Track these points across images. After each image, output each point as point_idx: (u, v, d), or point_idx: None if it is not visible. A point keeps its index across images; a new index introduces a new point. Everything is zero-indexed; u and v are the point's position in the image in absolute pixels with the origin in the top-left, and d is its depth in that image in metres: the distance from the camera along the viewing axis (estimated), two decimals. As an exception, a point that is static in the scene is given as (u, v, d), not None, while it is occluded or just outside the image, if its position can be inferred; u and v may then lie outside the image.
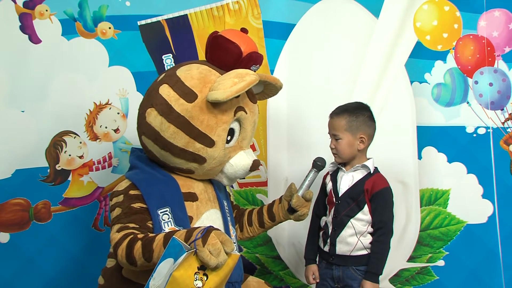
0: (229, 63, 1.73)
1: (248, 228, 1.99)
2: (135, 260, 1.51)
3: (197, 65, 1.77)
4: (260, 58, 1.80)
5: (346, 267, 1.94)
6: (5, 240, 2.28)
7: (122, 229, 1.59)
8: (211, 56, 1.79)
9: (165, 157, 1.74)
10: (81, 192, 2.34)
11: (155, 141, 1.72)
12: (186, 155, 1.70)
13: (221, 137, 1.70)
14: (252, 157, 1.79)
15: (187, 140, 1.68)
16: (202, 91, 1.67)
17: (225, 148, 1.73)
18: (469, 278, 2.38)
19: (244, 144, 1.80)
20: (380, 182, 1.95)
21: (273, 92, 1.93)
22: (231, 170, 1.77)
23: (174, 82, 1.71)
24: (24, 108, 2.29)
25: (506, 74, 2.37)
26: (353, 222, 1.93)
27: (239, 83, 1.62)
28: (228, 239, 1.42)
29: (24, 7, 2.29)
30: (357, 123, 1.94)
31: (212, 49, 1.78)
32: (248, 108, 1.77)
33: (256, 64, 1.78)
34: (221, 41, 1.74)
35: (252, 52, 1.75)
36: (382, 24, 2.40)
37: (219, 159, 1.73)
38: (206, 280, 1.38)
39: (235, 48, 1.72)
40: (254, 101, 1.82)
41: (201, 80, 1.70)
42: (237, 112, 1.72)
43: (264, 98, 1.97)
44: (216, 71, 1.74)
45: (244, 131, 1.78)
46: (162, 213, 1.65)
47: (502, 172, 2.37)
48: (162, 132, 1.69)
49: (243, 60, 1.73)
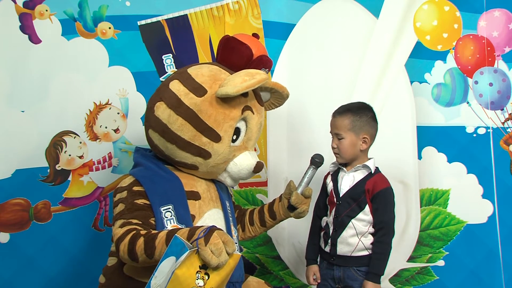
0: (239, 64, 1.77)
1: (250, 228, 2.00)
2: (137, 256, 1.51)
3: (207, 65, 1.82)
4: (269, 62, 1.85)
5: (347, 267, 1.94)
6: (5, 240, 2.28)
7: (124, 225, 1.60)
8: (222, 57, 1.83)
9: (170, 151, 1.75)
10: (81, 192, 2.34)
11: (162, 133, 1.73)
12: (192, 149, 1.72)
13: (227, 133, 1.72)
14: (256, 159, 1.82)
15: (194, 133, 1.70)
16: (212, 87, 1.71)
17: (231, 146, 1.75)
18: (469, 278, 2.38)
19: (249, 145, 1.82)
20: (381, 182, 1.95)
21: (280, 101, 1.99)
22: (235, 169, 1.78)
23: (184, 78, 1.75)
24: (24, 108, 2.29)
25: (506, 74, 2.38)
26: (354, 223, 1.93)
27: (249, 80, 1.66)
28: (230, 239, 1.42)
29: (24, 7, 2.29)
30: (360, 123, 1.94)
31: (224, 50, 1.82)
32: (255, 109, 1.80)
33: (265, 68, 1.82)
34: (233, 42, 1.79)
35: (263, 56, 1.81)
36: (382, 24, 2.40)
37: (223, 156, 1.75)
38: (208, 279, 1.38)
39: (246, 49, 1.77)
40: (261, 104, 1.85)
41: (211, 77, 1.74)
42: (244, 111, 1.75)
43: (271, 108, 2.02)
44: (226, 71, 1.78)
45: (250, 131, 1.80)
46: (165, 210, 1.66)
47: (502, 172, 2.37)
48: (170, 124, 1.71)
49: (253, 62, 1.78)
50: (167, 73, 2.35)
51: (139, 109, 2.34)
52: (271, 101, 1.98)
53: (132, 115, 2.36)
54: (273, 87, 1.91)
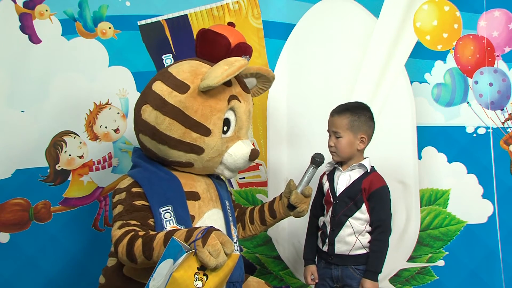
0: (219, 55, 1.75)
1: (250, 226, 2.00)
2: (135, 257, 1.51)
3: (187, 61, 1.80)
4: (249, 48, 1.83)
5: (345, 266, 1.94)
6: (5, 240, 2.28)
7: (123, 226, 1.60)
8: (201, 51, 1.82)
9: (163, 152, 1.74)
10: (81, 192, 2.34)
11: (152, 136, 1.73)
12: (184, 146, 1.71)
13: (216, 125, 1.72)
14: (251, 147, 1.81)
15: (183, 131, 1.69)
16: (194, 82, 1.70)
17: (223, 138, 1.75)
18: (469, 278, 2.38)
19: (242, 134, 1.81)
20: (377, 180, 1.95)
21: (267, 84, 1.96)
22: (231, 160, 1.77)
23: (166, 77, 1.74)
24: (24, 108, 2.29)
25: (506, 74, 2.37)
26: (351, 222, 1.93)
27: (229, 68, 1.65)
28: (228, 240, 1.42)
29: (24, 7, 2.29)
30: (358, 123, 1.94)
31: (201, 43, 1.81)
32: (242, 97, 1.79)
33: (246, 55, 1.81)
34: (209, 34, 1.78)
35: (240, 43, 1.79)
36: (382, 24, 2.40)
37: (217, 149, 1.74)
38: (206, 280, 1.38)
39: (223, 39, 1.75)
40: (247, 91, 1.84)
41: (192, 73, 1.73)
42: (230, 100, 1.74)
43: (259, 94, 1.98)
44: (207, 64, 1.77)
45: (240, 120, 1.79)
46: (164, 211, 1.66)
47: (502, 172, 2.37)
48: (158, 125, 1.70)
49: (232, 51, 1.77)
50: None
51: (139, 109, 2.35)
52: (258, 86, 1.95)
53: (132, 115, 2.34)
54: (258, 71, 1.88)
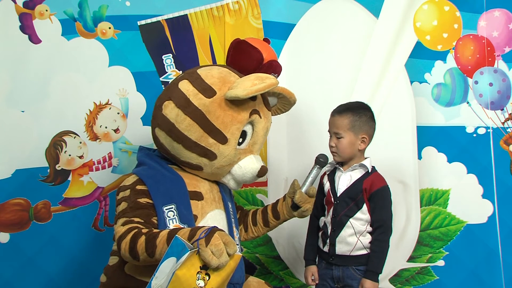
0: (249, 67, 1.78)
1: (253, 228, 2.01)
2: (138, 255, 1.52)
3: (217, 67, 1.82)
4: (279, 67, 1.85)
5: (346, 267, 1.95)
6: (5, 240, 2.28)
7: (126, 223, 1.60)
8: (232, 60, 1.84)
9: (176, 150, 1.75)
10: (81, 192, 2.34)
11: (168, 132, 1.74)
12: (198, 149, 1.72)
13: (234, 135, 1.73)
14: (261, 163, 1.82)
15: (201, 134, 1.71)
16: (221, 89, 1.72)
17: (237, 149, 1.76)
18: (469, 278, 2.38)
19: (255, 148, 1.83)
20: (378, 181, 1.95)
21: (287, 107, 2.00)
22: (239, 172, 1.79)
23: (194, 78, 1.75)
24: (24, 108, 2.29)
25: (506, 74, 2.38)
26: (352, 222, 1.93)
27: (259, 84, 1.66)
28: (231, 240, 1.42)
29: (24, 7, 2.29)
30: (360, 123, 1.94)
31: (234, 53, 1.83)
32: (263, 113, 1.81)
33: (275, 73, 1.82)
34: (244, 46, 1.80)
35: (273, 61, 1.81)
36: (382, 24, 2.40)
37: (229, 158, 1.75)
38: (208, 279, 1.38)
39: (257, 53, 1.78)
40: (268, 108, 1.86)
41: (220, 79, 1.74)
42: (252, 114, 1.76)
43: (277, 114, 2.02)
44: (236, 74, 1.79)
45: (256, 135, 1.80)
46: (167, 209, 1.67)
47: (502, 172, 2.37)
48: (177, 123, 1.72)
49: (263, 67, 1.79)
50: (167, 73, 2.35)
51: (139, 109, 2.35)
52: (278, 106, 1.99)
53: (132, 115, 2.36)
54: (281, 92, 1.91)
